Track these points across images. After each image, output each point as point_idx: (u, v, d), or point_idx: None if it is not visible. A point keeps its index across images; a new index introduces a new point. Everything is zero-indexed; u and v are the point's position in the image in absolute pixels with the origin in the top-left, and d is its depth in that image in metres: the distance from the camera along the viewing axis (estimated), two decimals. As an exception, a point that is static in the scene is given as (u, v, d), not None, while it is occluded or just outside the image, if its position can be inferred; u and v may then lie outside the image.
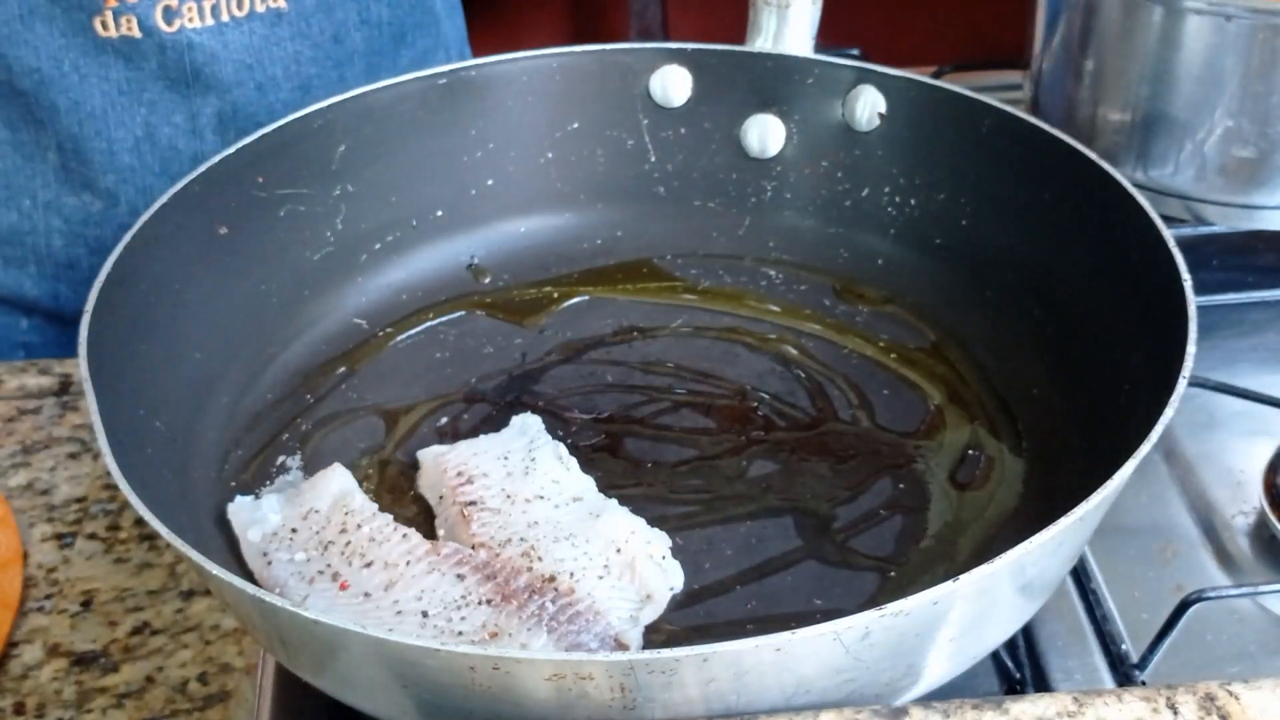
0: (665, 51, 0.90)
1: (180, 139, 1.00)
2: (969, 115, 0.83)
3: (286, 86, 1.00)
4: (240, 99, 0.99)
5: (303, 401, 0.81)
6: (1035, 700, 0.56)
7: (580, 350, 0.85)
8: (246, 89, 0.99)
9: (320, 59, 1.02)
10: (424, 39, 1.10)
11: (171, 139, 0.99)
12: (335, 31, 1.02)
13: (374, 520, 0.70)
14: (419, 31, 1.09)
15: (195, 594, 0.79)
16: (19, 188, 1.00)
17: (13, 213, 1.01)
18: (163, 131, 0.99)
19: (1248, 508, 0.81)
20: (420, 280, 0.89)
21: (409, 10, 1.07)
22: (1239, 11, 0.86)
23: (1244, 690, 0.56)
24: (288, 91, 1.01)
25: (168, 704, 0.73)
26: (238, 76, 0.98)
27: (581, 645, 0.63)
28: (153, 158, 1.00)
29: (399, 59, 1.07)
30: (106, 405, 0.65)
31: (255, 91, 0.99)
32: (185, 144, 1.00)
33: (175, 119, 0.99)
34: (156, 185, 1.00)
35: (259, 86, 0.99)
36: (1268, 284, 0.98)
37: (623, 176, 0.92)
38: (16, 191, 1.00)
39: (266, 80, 1.00)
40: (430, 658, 0.54)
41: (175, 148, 1.00)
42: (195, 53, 0.96)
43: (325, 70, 1.02)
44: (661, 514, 0.72)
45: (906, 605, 0.53)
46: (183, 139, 1.00)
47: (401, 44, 1.07)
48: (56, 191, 1.01)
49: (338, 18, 1.02)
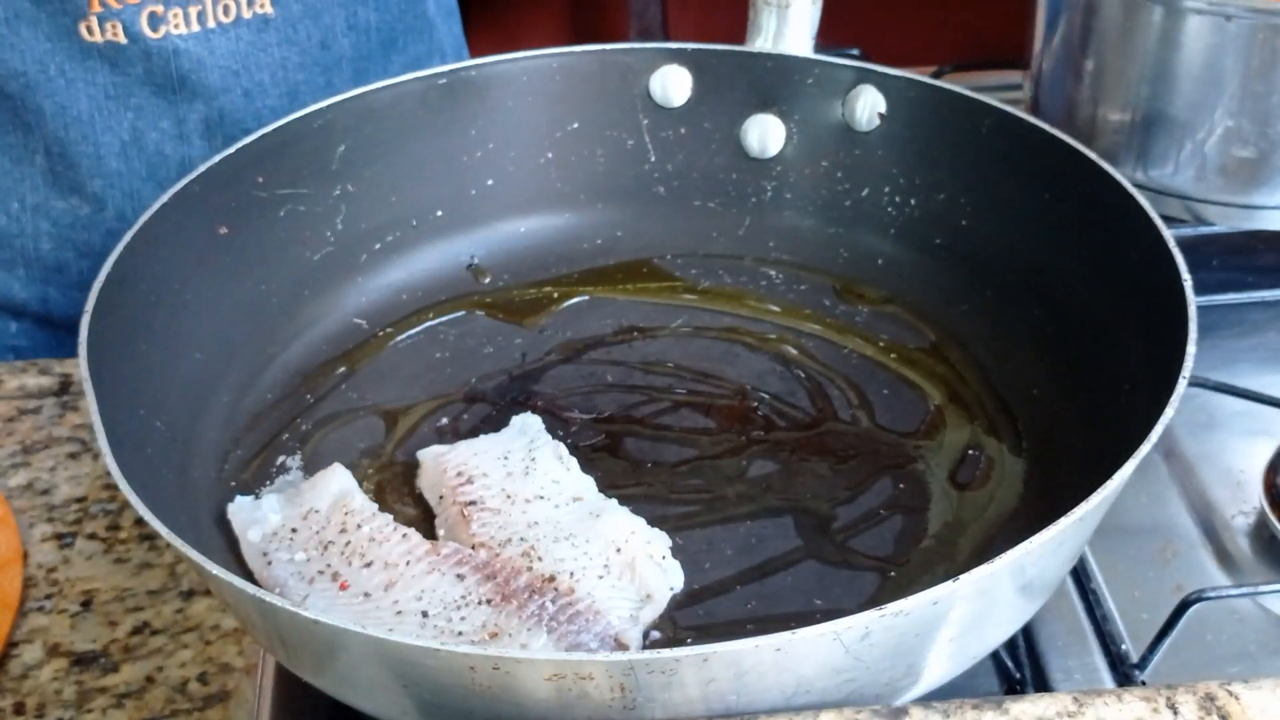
0: (665, 51, 0.90)
1: (167, 144, 1.00)
2: (969, 115, 0.83)
3: (274, 93, 1.00)
4: (227, 105, 0.99)
5: (303, 401, 0.81)
6: (1035, 700, 0.56)
7: (580, 350, 0.85)
8: (233, 95, 0.99)
9: (308, 65, 1.02)
10: (417, 44, 1.09)
11: (159, 144, 0.99)
12: (323, 37, 1.02)
13: (374, 520, 0.70)
14: (411, 36, 1.09)
15: (195, 594, 0.79)
16: (7, 191, 1.00)
17: (1, 216, 1.01)
18: (150, 136, 0.99)
19: (1248, 508, 0.81)
20: (420, 280, 0.89)
21: (399, 15, 1.07)
22: (1239, 11, 0.86)
23: (1244, 690, 0.56)
24: (275, 98, 1.00)
25: (168, 704, 0.73)
26: (224, 83, 0.98)
27: (581, 645, 0.63)
28: (140, 162, 1.00)
29: (389, 64, 1.07)
30: (106, 405, 0.65)
31: (242, 97, 0.99)
32: (172, 149, 1.00)
33: (162, 124, 0.99)
34: (144, 190, 1.00)
35: (246, 93, 0.99)
36: (1268, 284, 0.98)
37: (623, 176, 0.92)
38: (4, 194, 1.00)
39: (253, 86, 0.99)
40: (430, 658, 0.54)
41: (162, 153, 1.00)
42: (181, 59, 0.96)
43: (313, 76, 1.02)
44: (661, 514, 0.72)
45: (906, 605, 0.53)
46: (170, 144, 1.00)
47: (392, 49, 1.07)
48: (44, 195, 1.00)
49: (325, 23, 1.02)
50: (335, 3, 1.02)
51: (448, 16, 1.15)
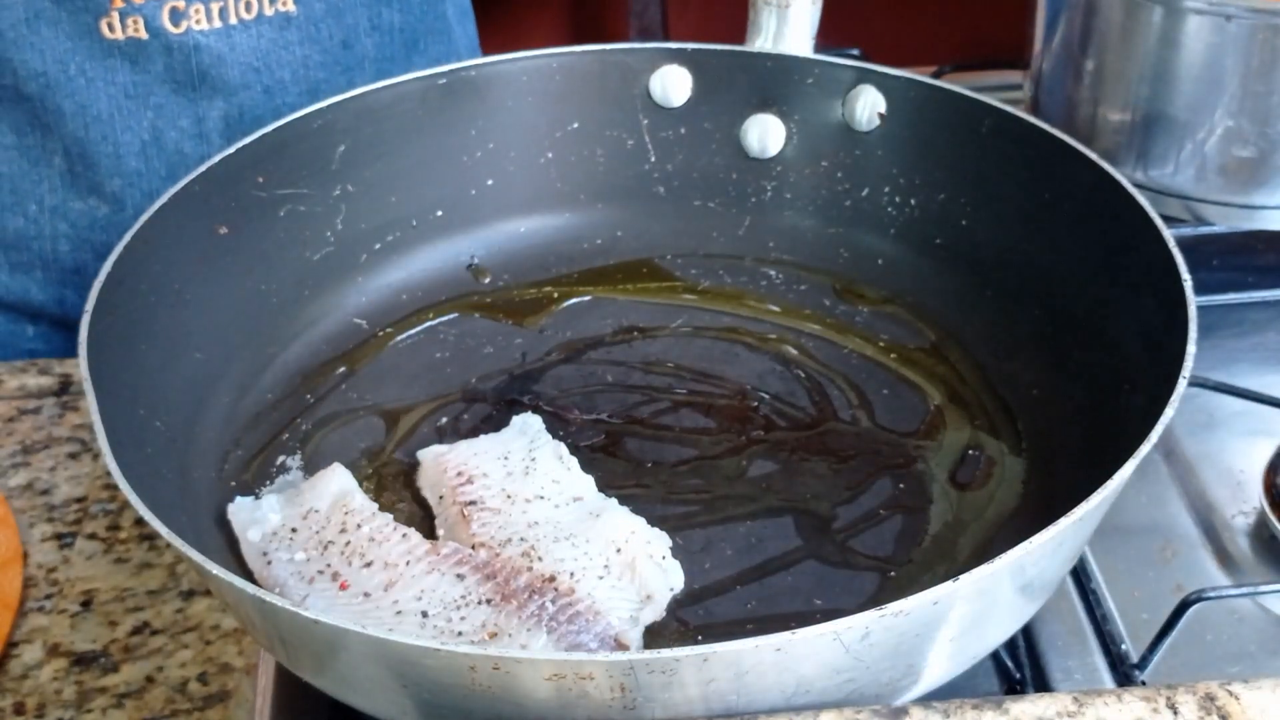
0: (665, 51, 0.90)
1: (187, 143, 0.99)
2: (969, 115, 0.83)
3: (294, 90, 1.00)
4: (247, 102, 0.99)
5: (303, 401, 0.81)
6: (1035, 700, 0.56)
7: (580, 350, 0.85)
8: (254, 92, 0.99)
9: (329, 64, 1.01)
10: (436, 45, 1.10)
11: (178, 143, 0.99)
12: (345, 37, 1.02)
13: (374, 520, 0.70)
14: (432, 38, 1.09)
15: (195, 594, 0.79)
16: (25, 193, 1.00)
17: (19, 218, 1.01)
18: (169, 135, 0.99)
19: (1248, 507, 0.81)
20: (420, 280, 0.89)
21: (420, 16, 1.07)
22: (1239, 11, 0.86)
23: (1244, 690, 0.56)
24: (295, 95, 1.00)
25: (168, 704, 0.73)
26: (245, 79, 0.98)
27: (581, 645, 0.63)
28: (159, 161, 0.99)
29: (411, 65, 1.07)
30: (106, 405, 0.65)
31: (263, 95, 0.99)
32: (192, 148, 1.00)
33: (181, 122, 0.99)
34: (163, 189, 0.99)
35: (266, 90, 0.99)
36: (1268, 284, 0.98)
37: (623, 176, 0.92)
38: (23, 196, 1.00)
39: (274, 84, 0.99)
40: (430, 658, 0.54)
41: (182, 151, 1.00)
42: (202, 55, 0.96)
43: (334, 75, 1.02)
44: (661, 514, 0.72)
45: (906, 605, 0.53)
46: (189, 143, 0.99)
47: (414, 50, 1.07)
48: (63, 196, 1.00)
49: (348, 23, 1.02)
50: (359, 2, 1.02)
51: (464, 18, 1.15)
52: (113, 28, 0.94)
